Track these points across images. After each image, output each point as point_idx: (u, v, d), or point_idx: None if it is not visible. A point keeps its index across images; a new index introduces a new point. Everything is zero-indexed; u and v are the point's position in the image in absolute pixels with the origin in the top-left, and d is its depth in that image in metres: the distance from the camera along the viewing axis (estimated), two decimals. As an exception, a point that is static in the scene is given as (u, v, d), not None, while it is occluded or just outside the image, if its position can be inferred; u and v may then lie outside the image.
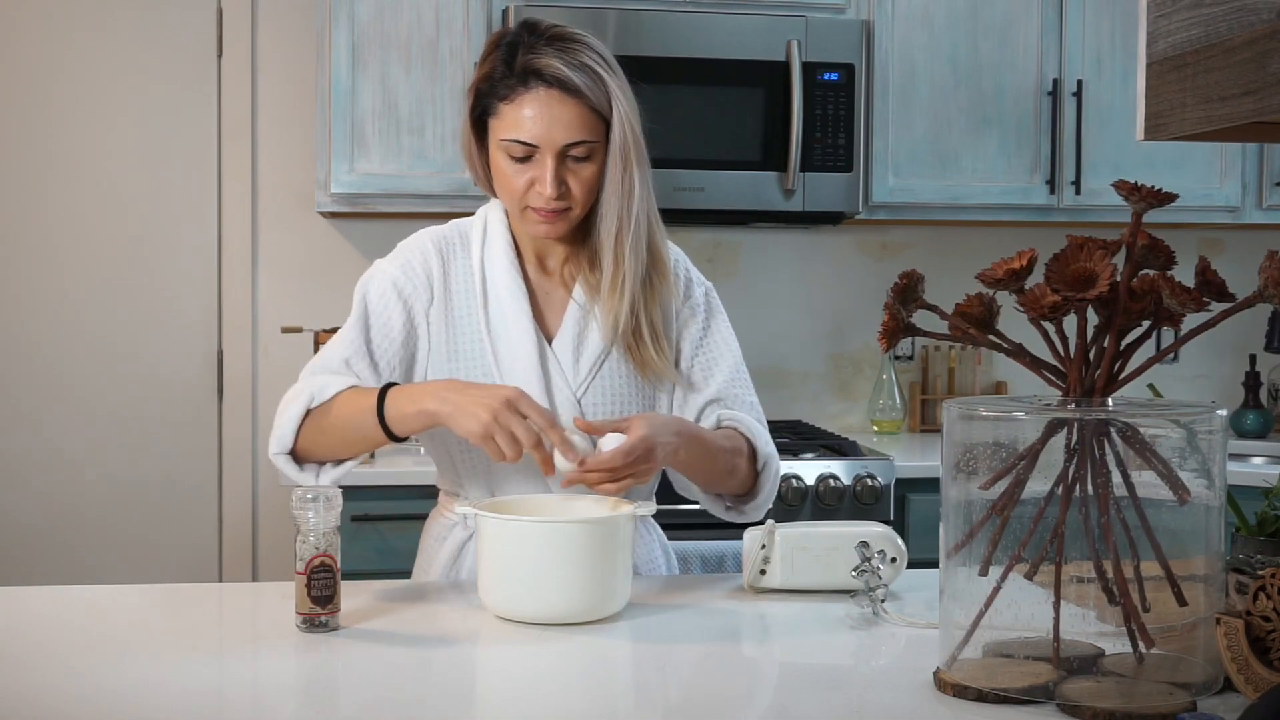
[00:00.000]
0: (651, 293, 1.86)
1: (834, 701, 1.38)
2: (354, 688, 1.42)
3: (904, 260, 3.79)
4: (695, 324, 1.94)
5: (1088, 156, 3.49)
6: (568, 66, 1.73)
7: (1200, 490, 1.29)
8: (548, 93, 1.73)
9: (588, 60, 1.75)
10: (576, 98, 1.73)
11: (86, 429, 3.56)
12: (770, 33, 3.27)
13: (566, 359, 1.85)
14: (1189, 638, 1.31)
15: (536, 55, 1.74)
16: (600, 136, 1.77)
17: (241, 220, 3.59)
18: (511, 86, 1.75)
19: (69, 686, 1.38)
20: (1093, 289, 1.29)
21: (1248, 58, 1.09)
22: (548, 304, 1.89)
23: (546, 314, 1.89)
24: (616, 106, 1.76)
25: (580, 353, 1.86)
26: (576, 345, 1.86)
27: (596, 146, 1.77)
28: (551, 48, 1.74)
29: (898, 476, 3.13)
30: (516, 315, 1.84)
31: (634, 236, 1.81)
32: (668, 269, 1.89)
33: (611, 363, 1.86)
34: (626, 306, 1.82)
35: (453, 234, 1.92)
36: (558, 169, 1.75)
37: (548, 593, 1.60)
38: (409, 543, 3.04)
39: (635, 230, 1.81)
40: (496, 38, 1.79)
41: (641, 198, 1.81)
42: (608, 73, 1.76)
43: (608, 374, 1.86)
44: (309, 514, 1.58)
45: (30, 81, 3.53)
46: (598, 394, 1.86)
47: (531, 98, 1.73)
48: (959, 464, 1.35)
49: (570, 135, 1.74)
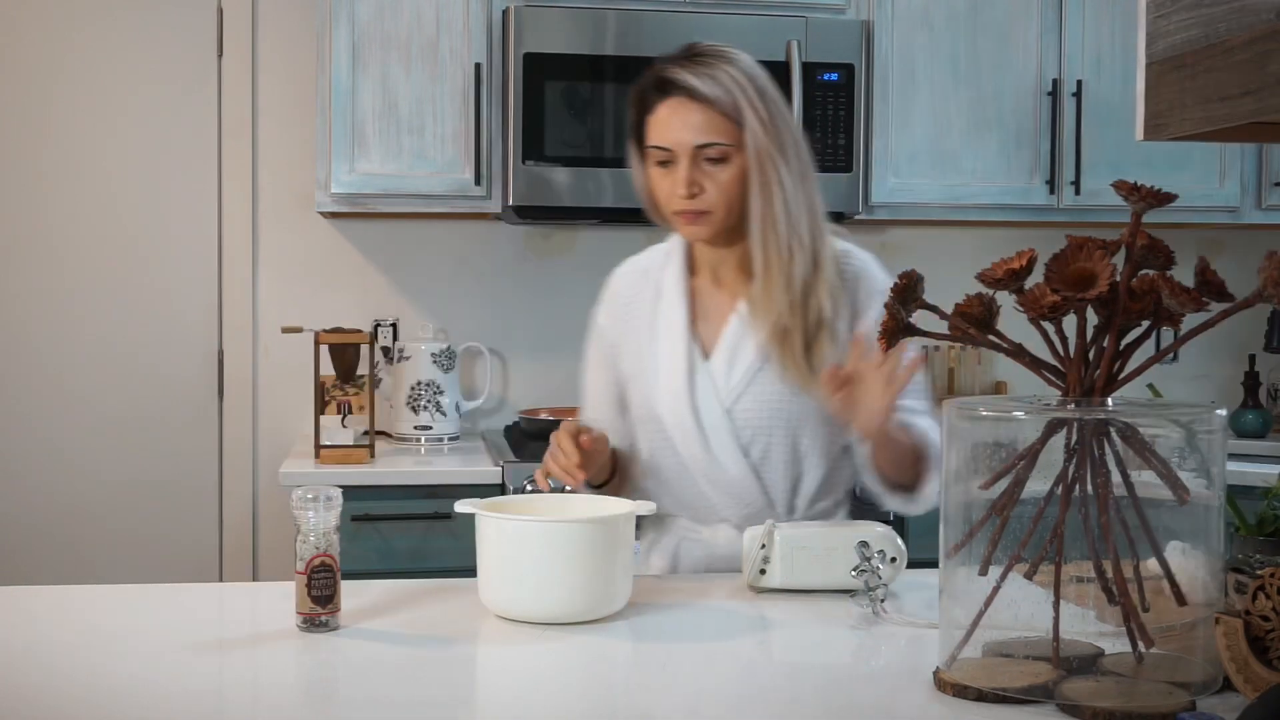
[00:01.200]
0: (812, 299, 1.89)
1: (834, 701, 1.38)
2: (354, 688, 1.42)
3: (904, 260, 3.78)
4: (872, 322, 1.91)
5: (1087, 157, 3.49)
6: (696, 77, 1.85)
7: (1200, 490, 1.29)
8: (678, 100, 1.86)
9: (718, 72, 1.86)
10: (704, 103, 1.85)
11: (86, 429, 3.56)
12: (770, 33, 3.27)
13: (719, 370, 1.92)
14: (1188, 637, 1.31)
15: (671, 69, 1.88)
16: (735, 140, 1.86)
17: (241, 220, 3.60)
18: (652, 99, 1.89)
19: (69, 686, 1.38)
20: (1092, 289, 1.29)
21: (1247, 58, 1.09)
22: (713, 315, 1.96)
23: (710, 325, 1.96)
24: (749, 112, 1.85)
25: (734, 364, 1.92)
26: (731, 356, 1.92)
27: (730, 150, 1.86)
28: (688, 62, 1.88)
29: (898, 476, 3.12)
30: (670, 326, 1.95)
31: (781, 241, 1.87)
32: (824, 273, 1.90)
33: (767, 374, 1.91)
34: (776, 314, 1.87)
35: (645, 257, 2.06)
36: (691, 171, 1.86)
37: (548, 593, 1.60)
38: (409, 543, 3.06)
39: (780, 235, 1.87)
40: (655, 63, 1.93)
41: (786, 201, 1.87)
42: (741, 82, 1.86)
43: (762, 385, 1.91)
44: (309, 514, 1.58)
45: (30, 81, 3.53)
46: (750, 405, 1.91)
47: (665, 106, 1.87)
48: (959, 464, 1.35)
49: (700, 137, 1.85)
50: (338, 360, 3.11)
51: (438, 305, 3.65)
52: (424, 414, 3.35)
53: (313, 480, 2.22)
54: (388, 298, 3.64)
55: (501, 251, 3.67)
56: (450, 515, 2.85)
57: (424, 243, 3.65)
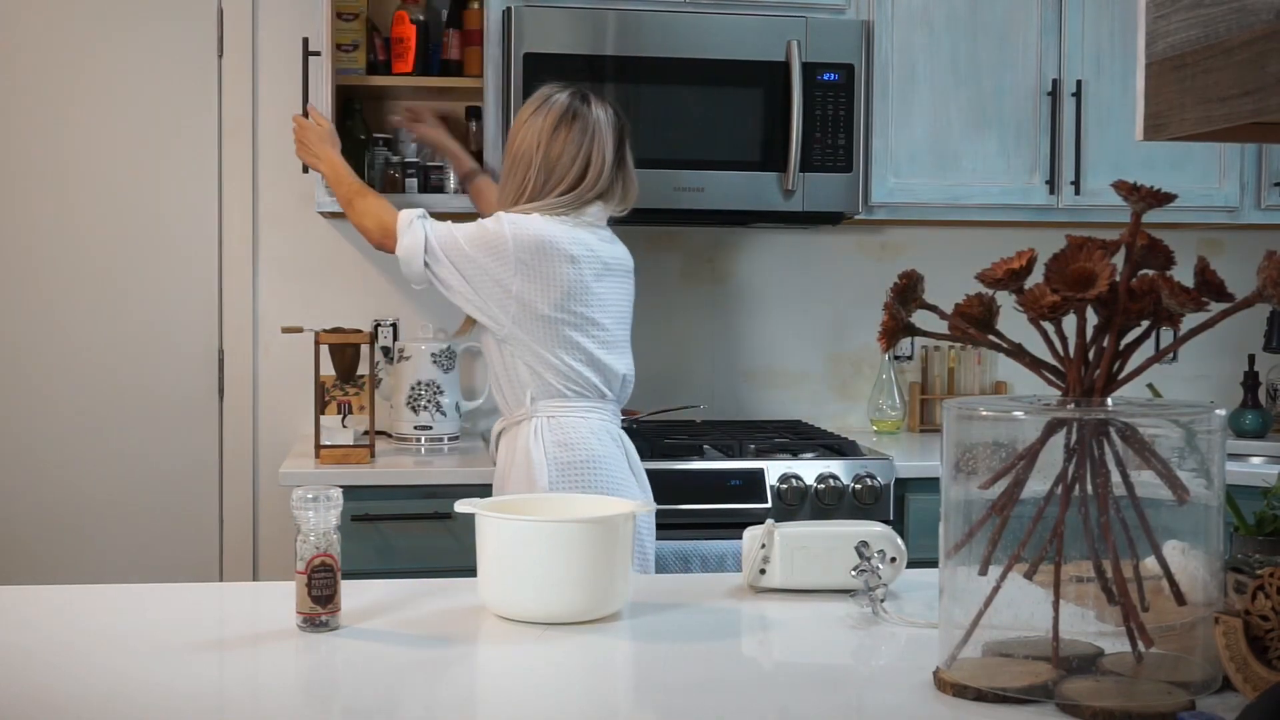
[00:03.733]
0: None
1: (834, 701, 1.38)
2: (354, 688, 1.42)
3: (904, 260, 3.79)
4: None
5: (1087, 157, 3.49)
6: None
7: (1199, 490, 1.30)
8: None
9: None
10: None
11: (86, 429, 3.56)
12: (770, 33, 3.27)
13: None
14: (1188, 637, 1.31)
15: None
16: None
17: (241, 220, 3.59)
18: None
19: (69, 686, 1.38)
20: (1092, 289, 1.29)
21: (1246, 58, 1.10)
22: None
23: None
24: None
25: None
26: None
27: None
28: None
29: (897, 476, 3.13)
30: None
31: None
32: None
33: None
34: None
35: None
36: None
37: (548, 593, 1.61)
38: (409, 543, 3.06)
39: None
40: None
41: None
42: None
43: None
44: (309, 514, 1.58)
45: (30, 81, 3.53)
46: None
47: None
48: (959, 464, 1.35)
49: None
50: (338, 360, 3.11)
51: (438, 305, 3.65)
52: (424, 414, 3.35)
53: (313, 480, 2.22)
54: (388, 298, 3.64)
55: (501, 251, 3.67)
56: (450, 515, 2.85)
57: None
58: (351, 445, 3.05)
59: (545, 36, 3.19)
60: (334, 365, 3.12)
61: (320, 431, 3.07)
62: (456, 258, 2.62)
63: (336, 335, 3.08)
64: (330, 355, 3.12)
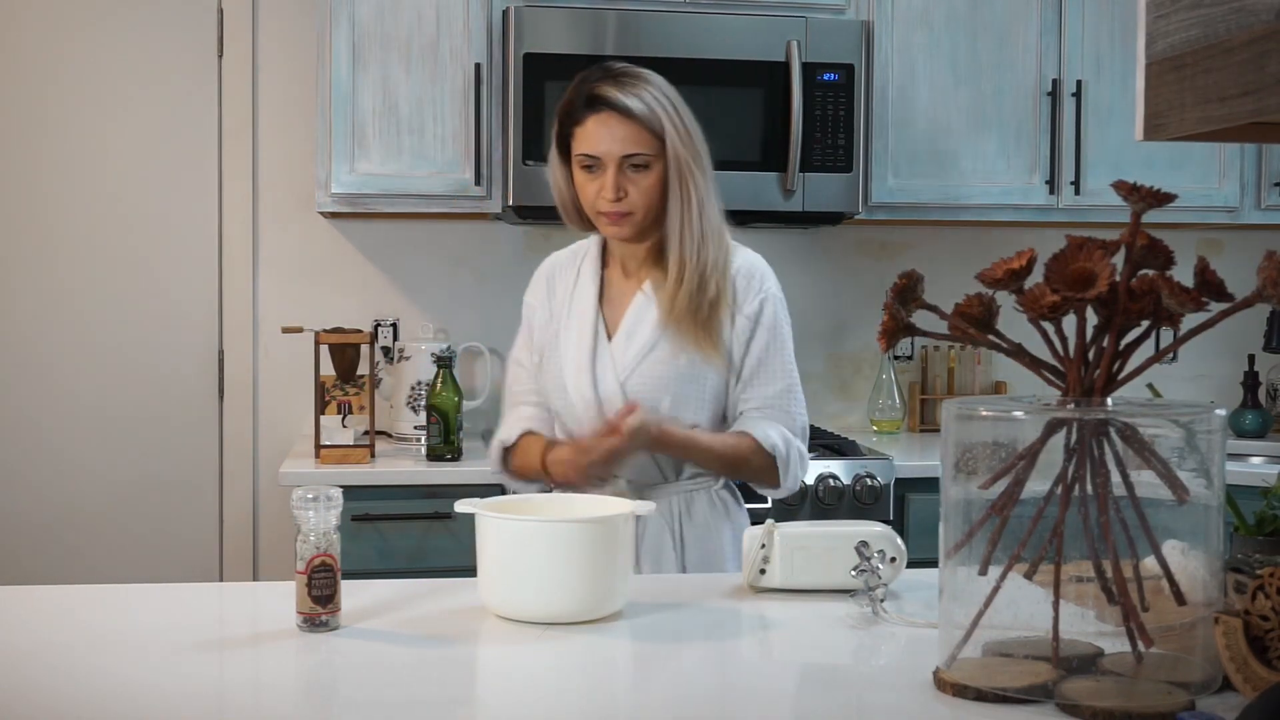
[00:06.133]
0: (711, 291, 2.14)
1: (834, 701, 1.38)
2: (354, 688, 1.42)
3: (904, 260, 3.79)
4: (754, 339, 2.17)
5: (1087, 157, 3.49)
6: (624, 94, 2.10)
7: (1199, 490, 1.30)
8: (606, 115, 2.10)
9: (642, 91, 2.12)
10: (629, 118, 2.10)
11: (87, 428, 3.56)
12: (770, 33, 3.27)
13: (619, 347, 2.17)
14: (1188, 637, 1.31)
15: (599, 87, 2.11)
16: (656, 151, 2.11)
17: (242, 220, 3.60)
18: (581, 113, 2.12)
19: (69, 686, 1.38)
20: (1092, 289, 1.29)
21: (1246, 58, 1.10)
22: (619, 300, 2.21)
23: (615, 309, 2.21)
24: (670, 125, 2.11)
25: (631, 342, 2.16)
26: (630, 336, 2.16)
27: (652, 159, 2.11)
28: (613, 81, 2.12)
29: (897, 476, 3.13)
30: (582, 308, 2.20)
31: (694, 238, 2.12)
32: (726, 271, 2.15)
33: (659, 352, 2.14)
34: (684, 295, 2.11)
35: (568, 252, 2.31)
36: (617, 177, 2.10)
37: (548, 592, 1.61)
38: (409, 543, 3.06)
39: (694, 233, 2.12)
40: (578, 78, 2.16)
41: (701, 202, 2.13)
42: (661, 100, 2.12)
43: (653, 363, 2.14)
44: (309, 514, 1.59)
45: (30, 81, 3.53)
46: (641, 380, 2.13)
47: (593, 120, 2.11)
48: (959, 464, 1.35)
49: (626, 148, 2.10)
50: (338, 360, 3.11)
51: (438, 305, 3.66)
52: (424, 414, 3.35)
53: (313, 480, 2.22)
54: (388, 298, 3.64)
55: (501, 251, 3.67)
56: (450, 515, 2.85)
57: (424, 243, 3.65)
58: (351, 445, 3.05)
59: (545, 36, 3.19)
60: (334, 365, 3.12)
61: (320, 431, 3.07)
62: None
63: (336, 335, 3.08)
64: (330, 355, 3.12)
